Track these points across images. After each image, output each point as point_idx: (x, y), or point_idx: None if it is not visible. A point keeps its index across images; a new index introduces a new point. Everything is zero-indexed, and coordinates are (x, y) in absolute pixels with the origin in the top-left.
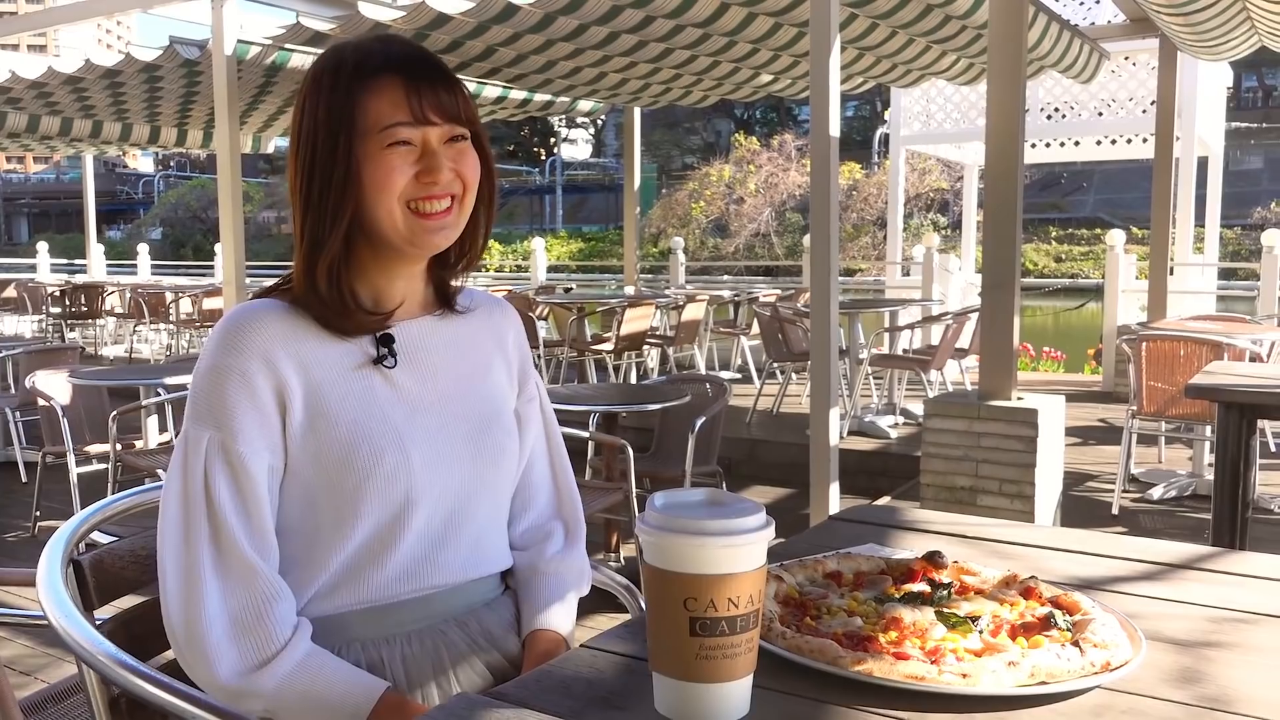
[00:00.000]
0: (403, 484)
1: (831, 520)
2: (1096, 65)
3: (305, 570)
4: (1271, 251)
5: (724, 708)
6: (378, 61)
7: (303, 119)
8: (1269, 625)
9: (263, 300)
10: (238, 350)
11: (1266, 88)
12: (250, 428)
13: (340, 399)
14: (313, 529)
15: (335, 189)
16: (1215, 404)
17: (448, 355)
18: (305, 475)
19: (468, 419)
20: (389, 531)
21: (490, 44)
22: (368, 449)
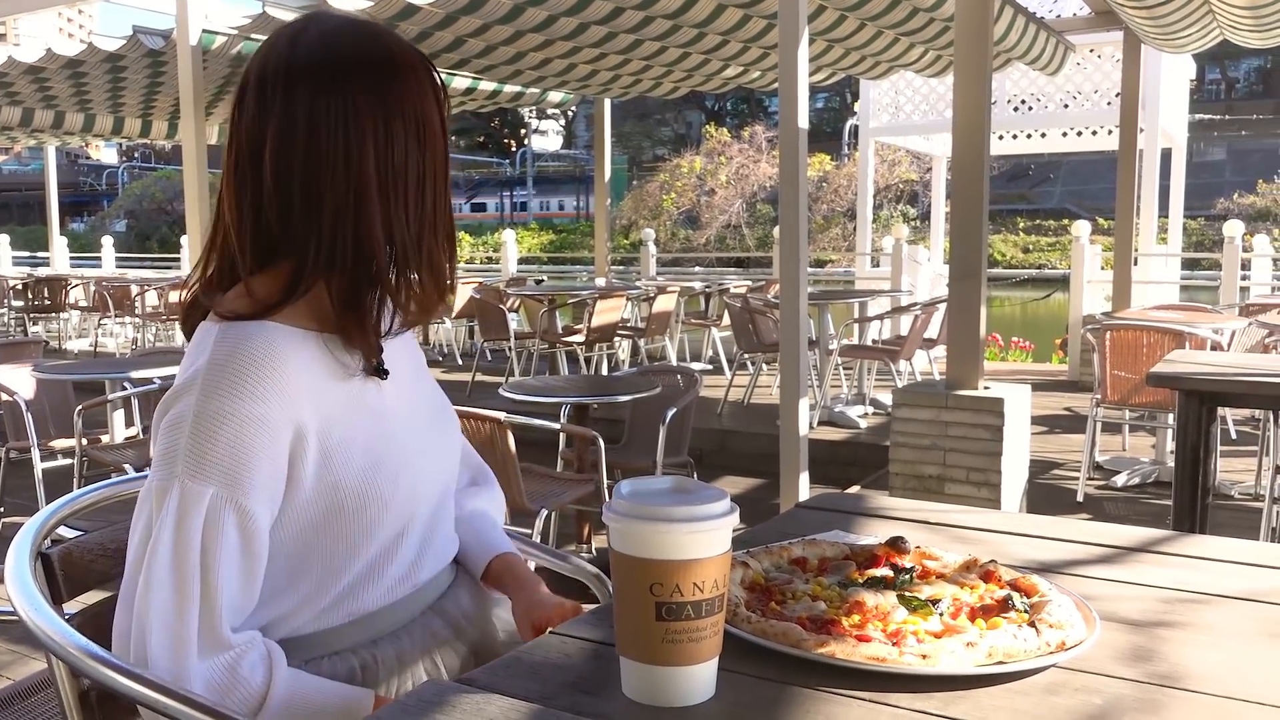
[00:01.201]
0: (411, 502)
1: (798, 508)
2: (1062, 58)
3: (305, 596)
4: (1232, 242)
5: (689, 690)
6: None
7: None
8: (1220, 605)
9: (261, 325)
10: (256, 396)
11: (1229, 80)
12: (262, 479)
13: (350, 424)
14: (321, 555)
15: (448, 174)
16: (1176, 392)
17: (403, 353)
18: (321, 504)
19: (433, 416)
20: (392, 545)
21: (459, 35)
22: (386, 475)
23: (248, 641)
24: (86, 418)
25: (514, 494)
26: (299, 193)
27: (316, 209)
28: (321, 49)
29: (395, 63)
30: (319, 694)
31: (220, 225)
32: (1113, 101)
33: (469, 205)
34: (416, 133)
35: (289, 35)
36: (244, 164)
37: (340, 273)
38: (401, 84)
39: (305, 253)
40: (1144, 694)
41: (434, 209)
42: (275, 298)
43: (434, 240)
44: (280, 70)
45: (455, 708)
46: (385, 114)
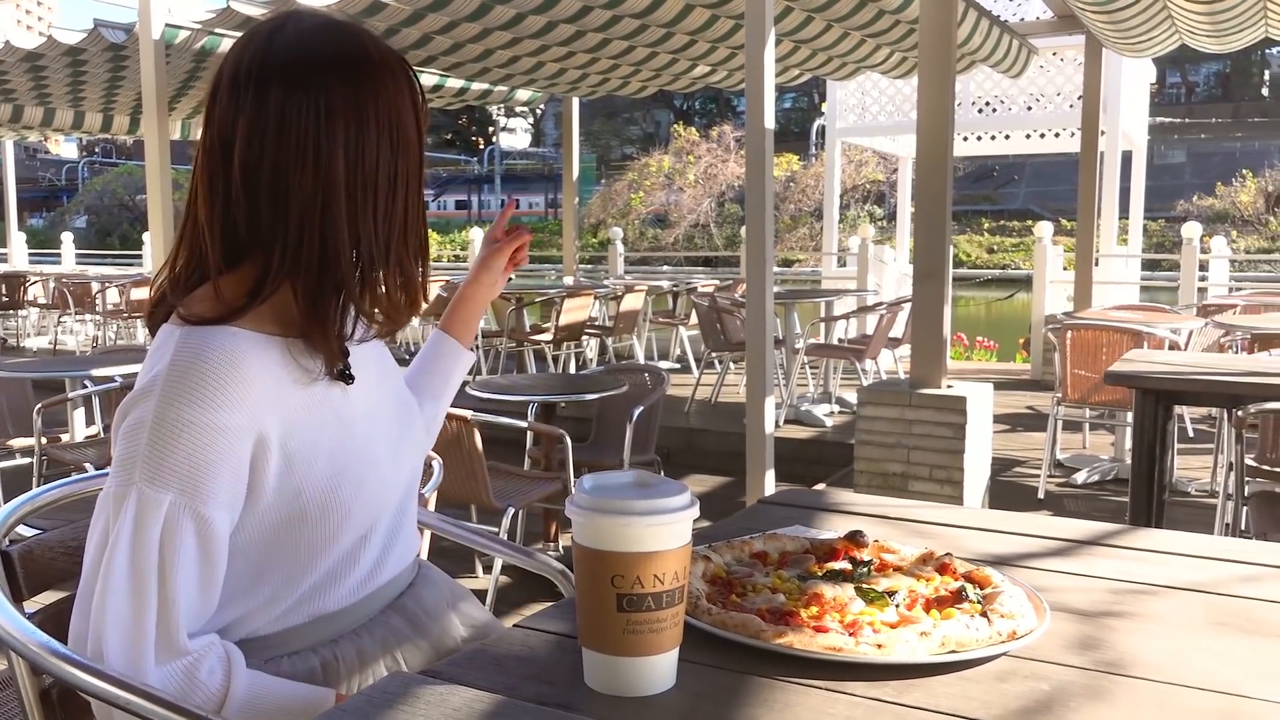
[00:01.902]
0: (376, 506)
1: (760, 503)
2: (1025, 60)
3: (267, 598)
4: (1191, 243)
5: (650, 680)
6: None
7: (372, 92)
8: (1167, 595)
9: (225, 331)
10: (216, 404)
11: (1189, 84)
12: (222, 488)
13: (315, 430)
14: (284, 559)
15: (421, 178)
16: (1134, 391)
17: (369, 355)
18: (284, 509)
19: (399, 413)
20: (355, 549)
21: (426, 32)
22: (350, 480)
23: (205, 645)
24: (46, 416)
25: (481, 492)
26: (266, 191)
27: (283, 209)
28: (298, 47)
29: (372, 64)
30: (278, 695)
31: (189, 222)
32: (1075, 104)
33: (453, 203)
34: (390, 136)
35: (266, 32)
36: (215, 160)
37: (306, 276)
38: (377, 86)
39: (271, 254)
40: (1090, 681)
41: (405, 215)
42: (241, 301)
43: (404, 247)
44: (254, 67)
45: (419, 700)
46: (358, 116)
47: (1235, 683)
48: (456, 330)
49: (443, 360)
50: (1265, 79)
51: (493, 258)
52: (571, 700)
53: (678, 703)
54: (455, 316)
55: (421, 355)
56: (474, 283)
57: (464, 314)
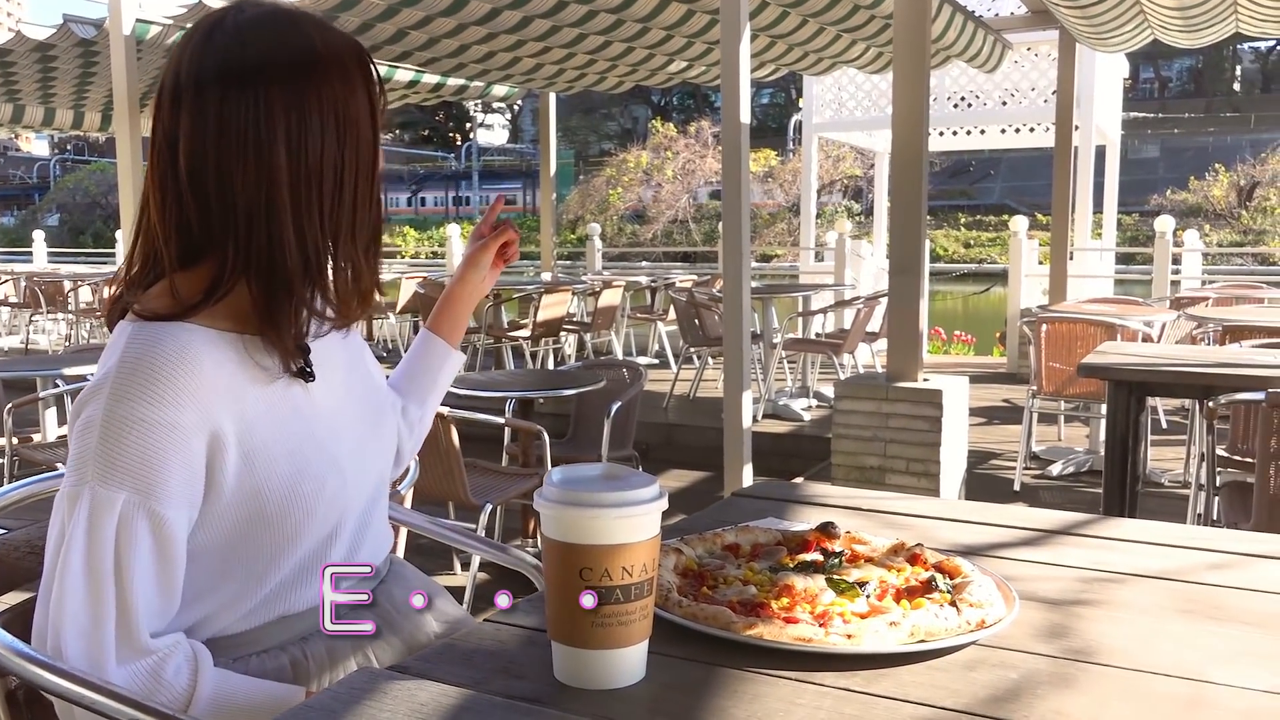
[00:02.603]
0: (340, 506)
1: (734, 496)
2: (1000, 55)
3: (230, 597)
4: (1164, 237)
5: (619, 673)
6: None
7: (317, 84)
8: (1135, 584)
9: (178, 327)
10: (166, 401)
11: (1162, 79)
12: (176, 485)
13: (272, 428)
14: (245, 559)
15: (374, 172)
16: (1107, 382)
17: (332, 349)
18: (243, 510)
19: (367, 412)
20: (318, 552)
21: (401, 27)
22: (310, 480)
23: (171, 645)
24: (17, 416)
25: (458, 489)
26: (213, 190)
27: (230, 206)
28: (236, 41)
29: (315, 54)
30: (247, 693)
31: (144, 221)
32: (1049, 99)
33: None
34: (336, 128)
35: (206, 26)
36: (163, 161)
37: (259, 273)
38: (320, 77)
39: (225, 252)
40: (1058, 668)
41: (354, 208)
42: (196, 298)
43: (352, 241)
44: (194, 64)
45: (386, 695)
46: (300, 108)
47: (1201, 668)
48: (444, 330)
49: (430, 361)
50: (1237, 74)
51: (478, 254)
52: (540, 694)
53: (647, 695)
54: (442, 316)
55: (409, 356)
56: (460, 281)
57: (451, 313)
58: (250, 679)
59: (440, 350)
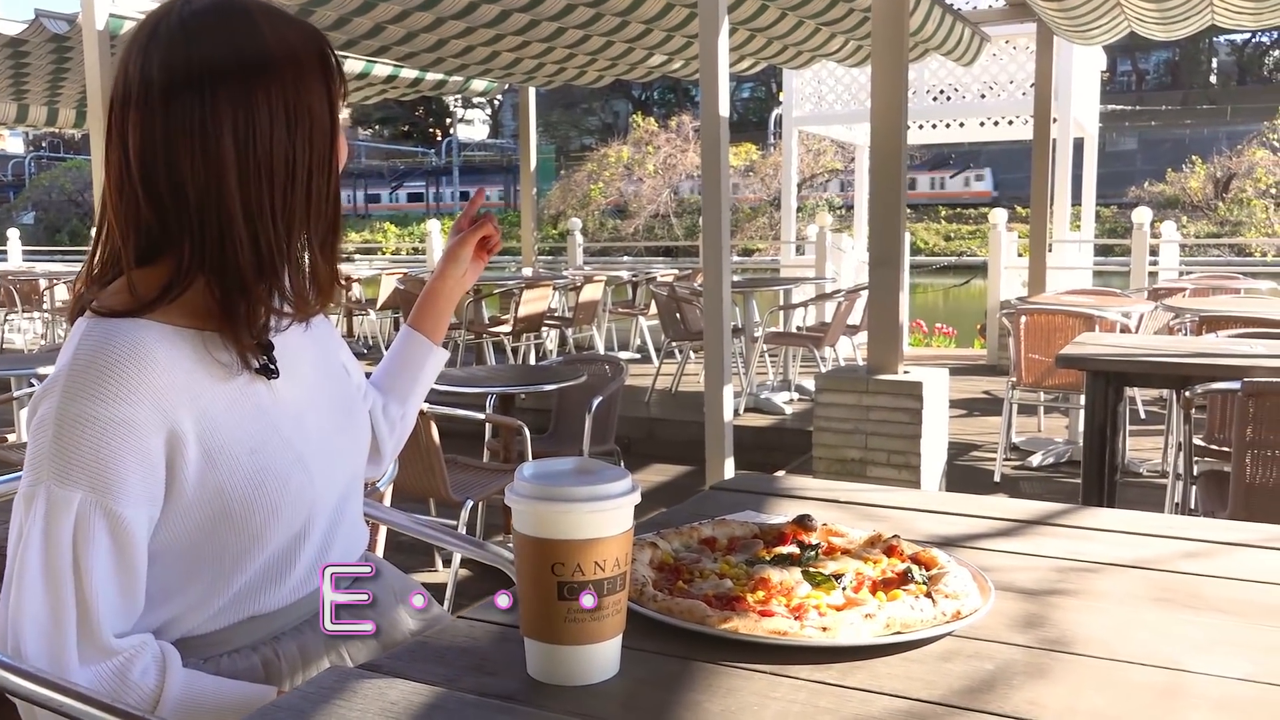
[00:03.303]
0: (306, 505)
1: (712, 490)
2: (978, 49)
3: (197, 598)
4: (1141, 229)
5: (592, 668)
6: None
7: (265, 72)
8: (1110, 573)
9: (132, 323)
10: (119, 398)
11: (1140, 72)
12: (134, 484)
13: (234, 425)
14: (210, 558)
15: (331, 163)
16: (1085, 373)
17: (301, 345)
18: (205, 509)
19: (335, 409)
20: (288, 551)
21: (378, 21)
22: (274, 479)
23: (138, 645)
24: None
25: (439, 485)
26: (165, 186)
27: (184, 203)
28: (180, 33)
29: (264, 45)
30: (218, 693)
31: (105, 220)
32: (1027, 92)
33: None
34: (286, 120)
35: (153, 20)
36: (117, 158)
37: (215, 269)
38: (268, 67)
39: (183, 248)
40: (1033, 658)
41: (309, 201)
42: (152, 294)
43: (307, 235)
44: (140, 58)
45: (356, 694)
46: (246, 99)
47: (1176, 657)
48: (425, 327)
49: (412, 358)
50: (1213, 67)
51: (457, 249)
52: (513, 690)
53: (620, 690)
54: (423, 312)
55: (390, 353)
56: (441, 277)
57: (432, 309)
58: (220, 679)
59: (422, 347)
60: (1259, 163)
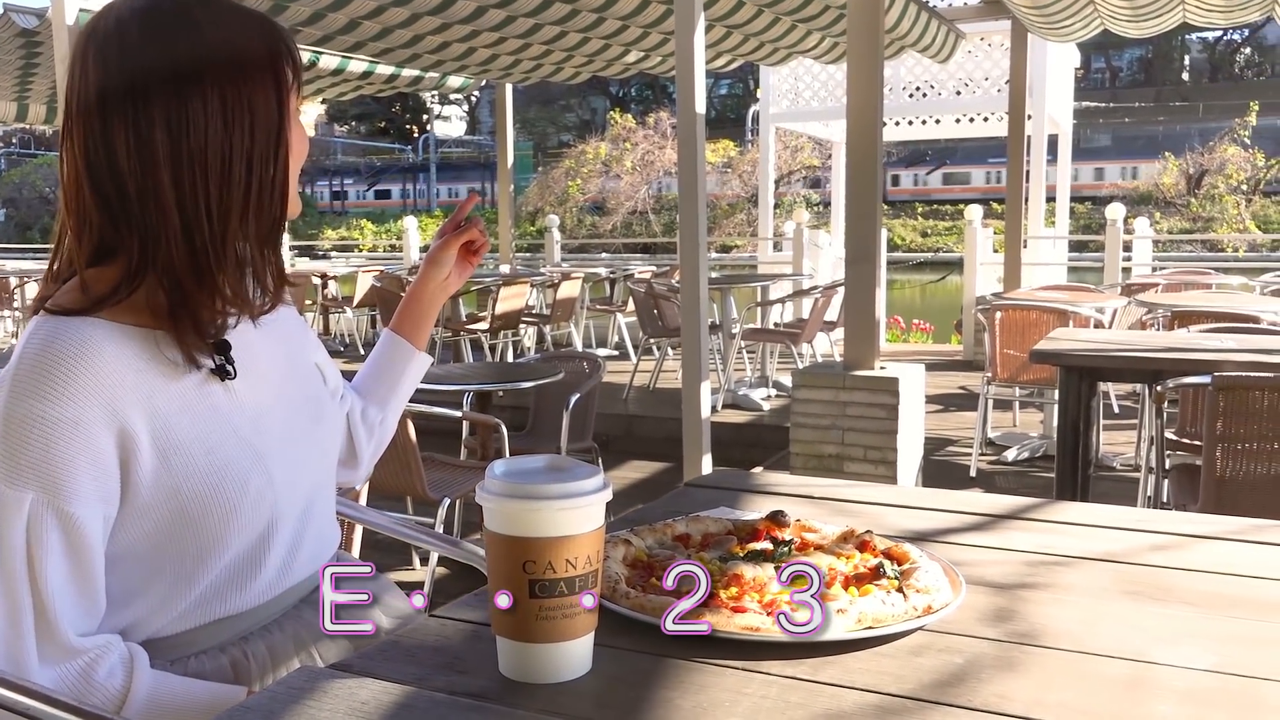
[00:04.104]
0: (268, 506)
1: (687, 486)
2: (953, 46)
3: (159, 600)
4: (1115, 225)
5: (564, 666)
6: (258, 11)
7: (199, 61)
8: (1081, 566)
9: (81, 321)
10: (66, 397)
11: (1113, 69)
12: (85, 483)
13: (190, 426)
14: (171, 560)
15: (276, 158)
16: (1059, 368)
17: (266, 345)
18: (162, 511)
19: (302, 410)
20: (254, 553)
21: (353, 17)
22: (231, 480)
23: (103, 645)
24: None
25: (415, 483)
26: (109, 183)
27: (126, 199)
28: (116, 29)
29: (199, 38)
30: (186, 694)
31: (62, 217)
32: (1002, 89)
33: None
34: (223, 112)
35: (95, 19)
36: (67, 154)
37: (158, 268)
38: (203, 60)
39: (132, 247)
40: (1002, 652)
41: (247, 196)
42: (104, 293)
43: (244, 231)
44: (83, 56)
45: (326, 694)
46: (180, 93)
47: (1143, 649)
48: (407, 331)
49: (393, 362)
50: (1185, 64)
51: (440, 252)
52: (484, 689)
53: (592, 688)
54: (405, 317)
55: (371, 356)
56: (423, 280)
57: (414, 313)
58: (189, 680)
59: (403, 351)
60: (1230, 159)
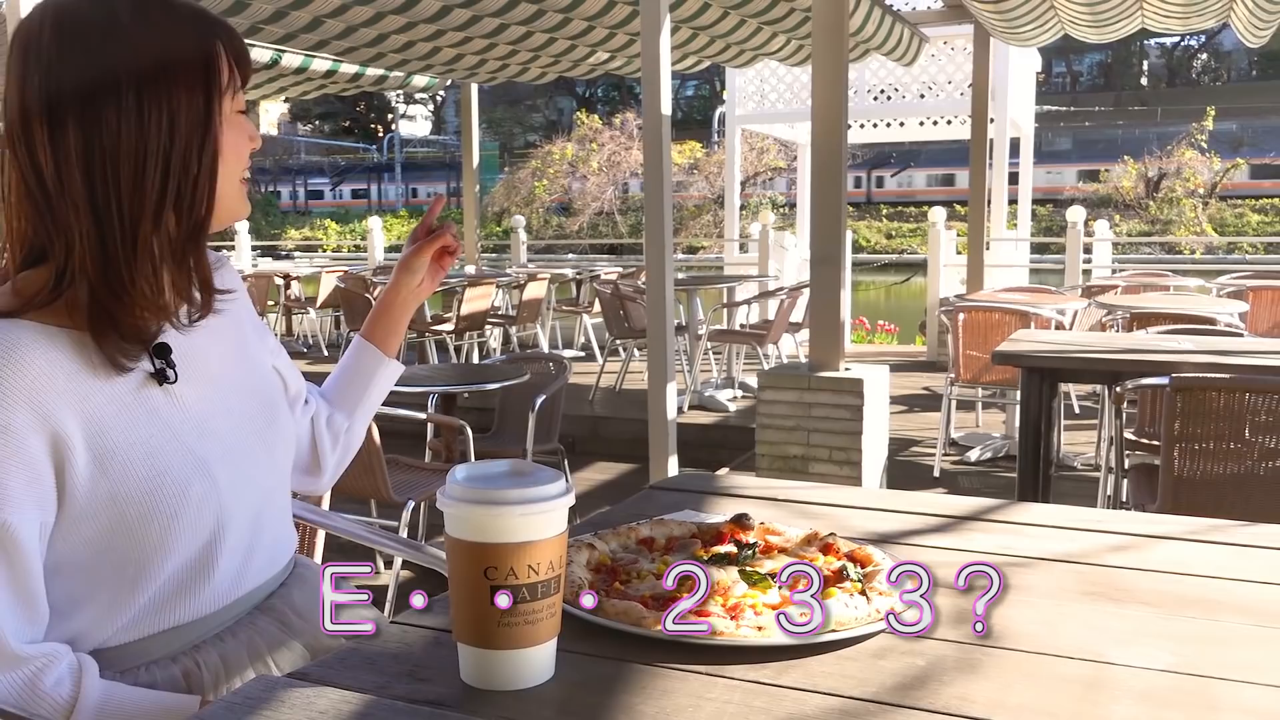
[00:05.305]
0: (212, 512)
1: (651, 489)
2: (917, 49)
3: (104, 608)
4: (1075, 227)
5: (526, 673)
6: (199, 8)
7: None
8: (1040, 568)
9: (10, 324)
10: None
11: (1074, 73)
12: (17, 489)
13: (127, 430)
14: (112, 567)
15: (201, 159)
16: (1020, 369)
17: (216, 348)
18: (101, 517)
19: (253, 414)
20: (202, 560)
21: (317, 15)
22: (171, 485)
23: (50, 654)
24: None
25: (380, 486)
26: (33, 179)
27: (47, 196)
28: (39, 21)
29: (116, 31)
30: (137, 703)
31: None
32: (965, 92)
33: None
34: (139, 109)
35: (31, 10)
36: (3, 152)
37: (81, 271)
38: (119, 54)
39: (57, 247)
40: (964, 654)
41: (163, 198)
42: (35, 295)
43: (159, 234)
44: (12, 47)
45: (284, 703)
46: (92, 86)
47: (1101, 650)
48: (378, 338)
49: (362, 370)
50: (1144, 69)
51: (411, 259)
52: (445, 697)
53: (555, 694)
54: (376, 324)
55: (341, 363)
56: (394, 287)
57: (386, 320)
58: (140, 689)
59: (372, 358)
60: (1188, 163)
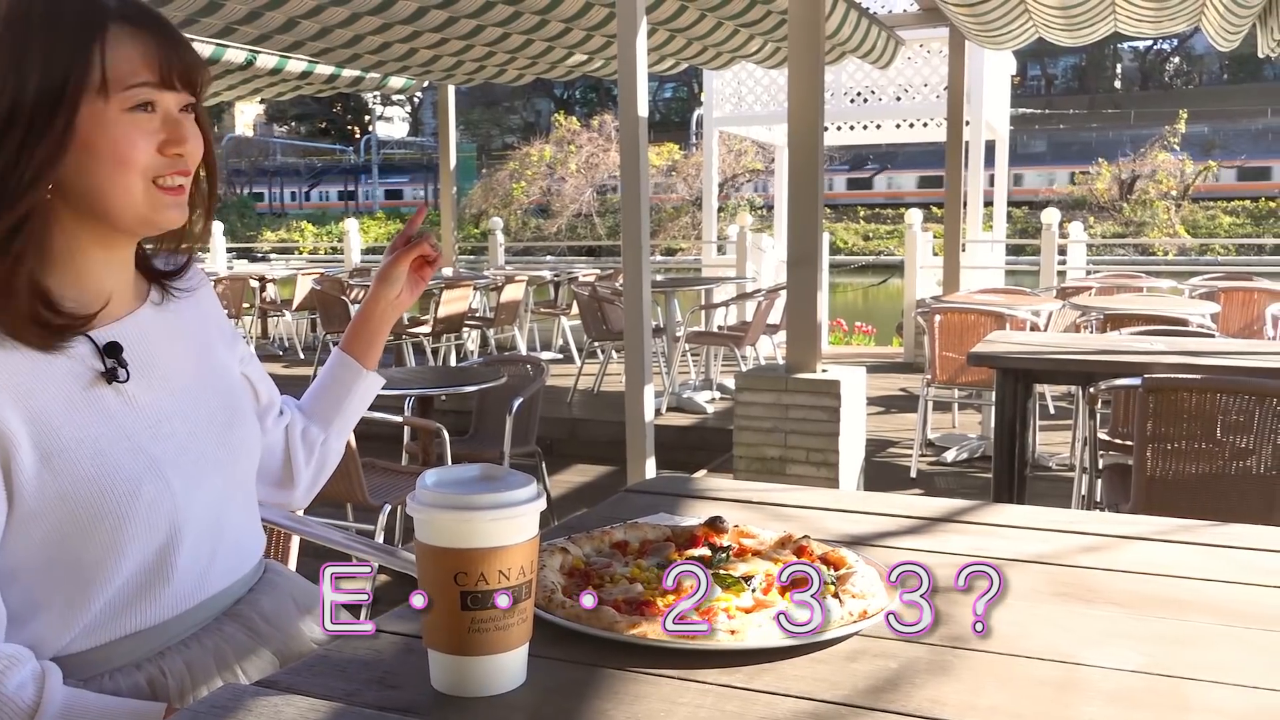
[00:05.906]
0: (166, 514)
1: (626, 492)
2: (893, 52)
3: (60, 613)
4: (1050, 229)
5: (497, 679)
6: (111, 6)
7: None
8: (1014, 569)
9: None
10: None
11: (1049, 76)
12: None
13: (75, 428)
14: (66, 569)
15: (43, 157)
16: (995, 370)
17: (175, 349)
18: (51, 518)
19: (213, 417)
20: (158, 563)
21: (291, 16)
22: (122, 484)
23: (12, 658)
24: None
25: (356, 490)
26: None
27: None
28: None
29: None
30: (101, 710)
31: None
32: (941, 95)
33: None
34: None
35: None
36: None
37: None
38: None
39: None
40: (936, 656)
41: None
42: None
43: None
44: None
45: (250, 711)
46: (35, 61)
47: (1072, 651)
48: (357, 350)
49: (340, 382)
50: (1118, 72)
51: (390, 269)
52: (415, 704)
53: (526, 701)
54: (356, 335)
55: (320, 375)
56: (374, 298)
57: (365, 332)
58: (104, 696)
59: (350, 371)
60: (1161, 165)
